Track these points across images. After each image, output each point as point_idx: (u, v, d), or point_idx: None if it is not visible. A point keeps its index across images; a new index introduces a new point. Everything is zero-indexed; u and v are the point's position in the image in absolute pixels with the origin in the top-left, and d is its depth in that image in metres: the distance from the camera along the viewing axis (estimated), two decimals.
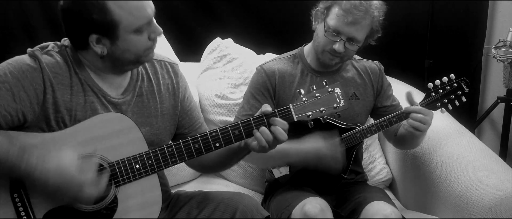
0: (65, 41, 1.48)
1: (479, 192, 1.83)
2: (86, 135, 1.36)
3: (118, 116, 1.42)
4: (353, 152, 1.96)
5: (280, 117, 1.43)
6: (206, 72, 2.46)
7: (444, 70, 2.93)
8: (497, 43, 2.73)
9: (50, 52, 1.42)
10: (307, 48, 2.01)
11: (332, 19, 1.82)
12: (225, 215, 1.52)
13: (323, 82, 1.45)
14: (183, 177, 2.28)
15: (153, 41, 1.45)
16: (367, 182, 2.16)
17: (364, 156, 2.32)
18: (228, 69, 2.42)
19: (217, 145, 1.42)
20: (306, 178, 1.93)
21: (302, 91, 1.45)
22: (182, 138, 1.49)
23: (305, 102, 1.43)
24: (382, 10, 1.86)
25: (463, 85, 1.83)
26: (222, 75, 2.41)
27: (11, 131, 1.32)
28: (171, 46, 2.49)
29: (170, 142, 1.46)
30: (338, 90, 1.44)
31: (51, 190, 1.27)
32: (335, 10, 1.82)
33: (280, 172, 1.94)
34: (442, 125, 2.18)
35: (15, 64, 1.37)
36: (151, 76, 1.58)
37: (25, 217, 1.30)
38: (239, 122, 1.42)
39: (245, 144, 1.46)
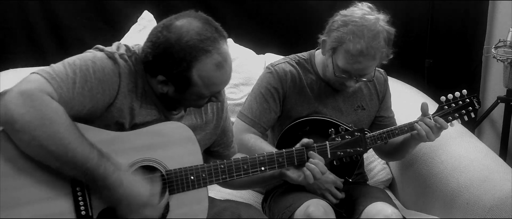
0: (136, 46, 1.46)
1: (479, 192, 1.83)
2: (149, 139, 1.39)
3: (181, 126, 1.46)
4: (360, 157, 1.97)
5: (317, 151, 1.58)
6: None
7: (444, 70, 2.97)
8: (497, 43, 2.73)
9: (124, 56, 1.40)
10: (318, 57, 1.95)
11: (340, 61, 1.79)
12: None
13: (350, 125, 1.65)
14: None
15: (212, 101, 1.49)
16: (367, 182, 2.16)
17: (364, 156, 2.31)
18: None
19: (263, 168, 1.52)
20: None
21: (333, 131, 1.61)
22: (216, 156, 1.64)
23: (339, 142, 1.61)
24: (390, 40, 1.81)
25: (475, 102, 1.88)
26: None
27: (79, 123, 1.29)
28: None
29: (223, 160, 1.50)
30: (361, 134, 1.63)
31: (116, 198, 1.28)
32: (342, 52, 1.77)
33: None
34: None
35: (99, 64, 1.33)
36: None
37: (84, 212, 1.30)
38: (284, 151, 1.55)
39: (279, 173, 1.59)
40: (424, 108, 1.84)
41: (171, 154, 1.42)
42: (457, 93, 1.87)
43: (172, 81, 1.38)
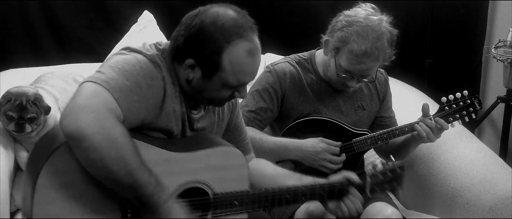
0: (162, 45, 1.45)
1: (479, 191, 1.83)
2: (202, 162, 1.40)
3: (236, 152, 1.47)
4: (361, 157, 1.97)
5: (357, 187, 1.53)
6: None
7: (444, 70, 2.96)
8: (497, 43, 2.73)
9: (160, 56, 1.40)
10: (319, 57, 1.95)
11: (343, 61, 1.79)
12: None
13: (392, 160, 1.58)
14: None
15: (233, 98, 1.48)
16: None
17: (364, 156, 2.31)
18: None
19: (303, 198, 1.51)
20: None
21: (376, 166, 1.55)
22: None
23: (379, 179, 1.55)
24: (393, 41, 1.81)
25: (476, 103, 1.88)
26: None
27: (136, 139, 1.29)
28: None
29: (269, 189, 1.48)
30: (403, 172, 1.57)
31: None
32: (346, 52, 1.77)
33: None
34: None
35: (146, 69, 1.33)
36: None
37: None
38: (326, 185, 1.51)
39: None
40: (425, 109, 1.84)
41: (220, 177, 1.42)
42: (458, 94, 1.87)
43: (201, 64, 1.37)
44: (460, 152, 2.05)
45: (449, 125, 1.85)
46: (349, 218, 1.54)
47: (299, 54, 2.00)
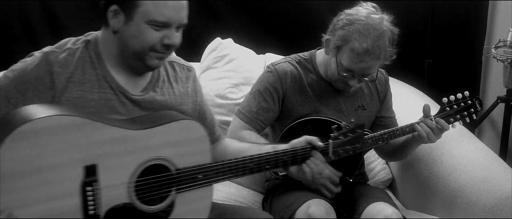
0: (88, 35, 1.50)
1: (479, 192, 1.83)
2: (161, 138, 1.40)
3: (195, 124, 1.47)
4: (361, 157, 1.97)
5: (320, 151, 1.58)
6: (206, 72, 2.46)
7: (444, 70, 2.96)
8: (497, 43, 2.73)
9: (66, 50, 1.44)
10: (319, 57, 1.96)
11: (345, 59, 1.79)
12: None
13: (351, 121, 1.64)
14: None
15: (165, 47, 1.43)
16: (368, 182, 2.16)
17: (365, 156, 2.31)
18: (228, 69, 2.42)
19: (268, 167, 1.53)
20: None
21: (337, 127, 1.60)
22: None
23: (342, 140, 1.61)
24: (394, 40, 1.82)
25: (477, 104, 1.88)
26: (222, 75, 2.41)
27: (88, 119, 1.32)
28: None
29: (230, 159, 1.51)
30: (362, 131, 1.63)
31: None
32: (347, 51, 1.78)
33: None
34: None
35: (19, 73, 1.41)
36: (171, 78, 1.60)
37: (92, 211, 1.30)
38: (289, 150, 1.55)
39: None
40: (426, 109, 1.84)
41: (183, 153, 1.42)
42: (459, 95, 1.88)
43: (121, 4, 1.38)
44: (460, 152, 2.05)
45: (450, 125, 1.85)
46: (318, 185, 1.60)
47: (299, 54, 2.00)
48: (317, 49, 1.99)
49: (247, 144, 1.72)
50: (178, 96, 1.59)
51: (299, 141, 1.58)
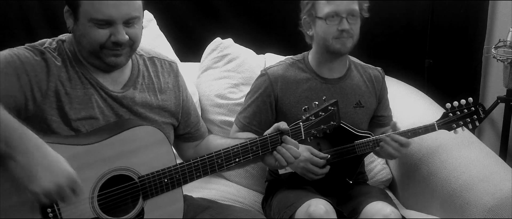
0: (63, 36, 1.50)
1: (479, 192, 1.83)
2: (119, 148, 1.38)
3: (151, 129, 1.45)
4: (362, 159, 1.97)
5: (291, 133, 1.54)
6: (206, 72, 2.46)
7: (444, 70, 2.96)
8: (497, 43, 2.73)
9: (47, 48, 1.44)
10: (311, 55, 2.00)
11: (325, 9, 1.85)
12: None
13: (323, 99, 1.58)
14: None
15: (115, 44, 1.42)
16: (367, 182, 2.17)
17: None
18: (228, 69, 2.42)
19: (237, 160, 1.50)
20: None
21: (307, 108, 1.56)
22: (189, 139, 1.62)
23: (313, 121, 1.56)
24: None
25: (480, 111, 1.89)
26: (222, 75, 2.41)
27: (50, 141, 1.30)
28: (171, 46, 2.49)
29: (196, 157, 1.48)
30: (335, 108, 1.58)
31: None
32: (320, 4, 1.86)
33: (286, 169, 1.94)
34: None
35: (16, 51, 1.39)
36: (151, 73, 1.60)
37: None
38: (258, 139, 1.52)
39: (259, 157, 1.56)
40: (393, 127, 1.86)
41: (143, 159, 1.41)
42: (463, 101, 1.88)
43: (70, 5, 1.41)
44: (460, 152, 2.05)
45: (452, 131, 1.87)
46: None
47: (292, 56, 2.04)
48: (308, 52, 2.03)
49: (230, 139, 1.70)
50: (158, 91, 1.59)
51: (269, 130, 1.56)
